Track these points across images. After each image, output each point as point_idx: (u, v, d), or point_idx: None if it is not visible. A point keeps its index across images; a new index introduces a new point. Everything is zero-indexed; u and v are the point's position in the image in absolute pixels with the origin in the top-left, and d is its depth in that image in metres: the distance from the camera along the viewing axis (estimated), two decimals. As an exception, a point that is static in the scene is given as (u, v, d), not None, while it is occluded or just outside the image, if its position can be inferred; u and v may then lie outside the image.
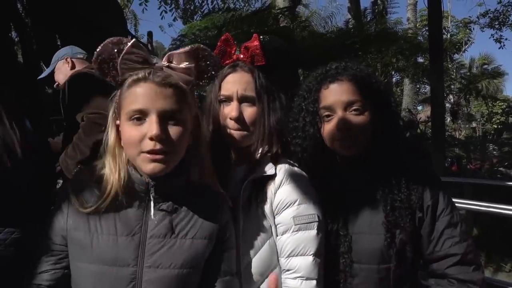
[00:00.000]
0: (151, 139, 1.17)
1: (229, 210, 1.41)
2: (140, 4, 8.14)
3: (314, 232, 1.46)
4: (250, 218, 1.50)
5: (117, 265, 1.21)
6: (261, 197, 1.51)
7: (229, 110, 1.55)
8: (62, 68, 2.82)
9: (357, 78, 1.54)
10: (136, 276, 1.21)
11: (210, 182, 1.39)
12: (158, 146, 1.18)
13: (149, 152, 1.19)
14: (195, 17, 11.72)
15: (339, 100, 1.51)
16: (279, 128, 1.58)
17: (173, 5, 9.70)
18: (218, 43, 1.63)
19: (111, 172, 1.26)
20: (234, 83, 1.57)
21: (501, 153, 16.16)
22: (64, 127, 2.81)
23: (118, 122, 1.27)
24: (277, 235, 1.50)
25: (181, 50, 1.29)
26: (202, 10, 10.30)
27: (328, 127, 1.54)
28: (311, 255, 1.44)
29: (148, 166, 1.20)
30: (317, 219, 1.47)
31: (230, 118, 1.54)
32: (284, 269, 1.48)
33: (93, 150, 2.13)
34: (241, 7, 11.22)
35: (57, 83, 2.90)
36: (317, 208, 1.50)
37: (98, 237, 1.23)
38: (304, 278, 1.43)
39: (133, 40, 1.22)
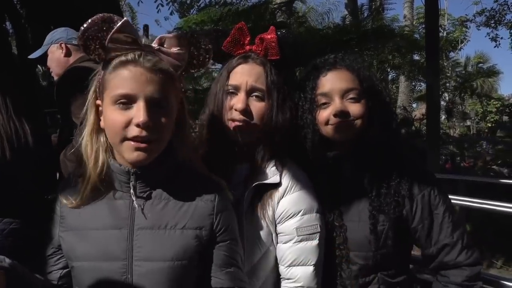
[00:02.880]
0: (137, 125, 1.12)
1: (228, 198, 1.32)
2: (137, -3, 8.06)
3: (315, 242, 1.45)
4: (252, 223, 1.46)
5: (108, 259, 1.19)
6: (264, 203, 1.47)
7: (236, 101, 1.47)
8: (56, 54, 2.71)
9: (354, 68, 1.55)
10: (126, 270, 1.18)
11: (199, 167, 1.33)
12: (144, 133, 1.13)
13: (134, 139, 1.13)
14: (191, 11, 11.67)
15: (337, 87, 1.52)
16: (287, 128, 1.51)
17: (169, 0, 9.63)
18: (232, 31, 1.55)
19: (88, 159, 1.21)
20: (244, 74, 1.49)
21: (495, 151, 16.25)
22: (60, 123, 2.75)
23: (98, 102, 1.21)
24: (277, 243, 1.48)
25: (173, 34, 1.24)
26: (198, 4, 10.24)
27: (324, 114, 1.53)
28: (312, 265, 1.44)
29: (132, 155, 1.15)
30: (319, 230, 1.46)
31: (236, 109, 1.46)
32: (284, 277, 1.47)
33: None
34: (238, 1, 11.16)
35: (48, 67, 2.80)
36: (318, 216, 1.48)
37: (86, 234, 1.22)
38: (301, 286, 1.43)
39: (124, 19, 1.16)
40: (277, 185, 1.47)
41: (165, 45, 1.21)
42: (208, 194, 1.27)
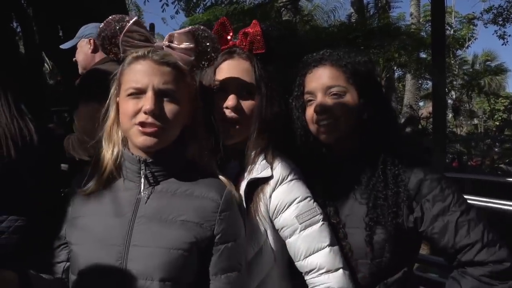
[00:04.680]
0: (144, 112, 1.20)
1: (233, 199, 1.33)
2: (143, -3, 8.10)
3: (319, 224, 1.39)
4: (247, 222, 1.40)
5: (105, 244, 1.22)
6: (256, 199, 1.42)
7: (225, 99, 1.44)
8: (84, 48, 2.78)
9: (340, 64, 1.51)
10: (122, 255, 1.20)
11: (210, 165, 1.36)
12: (150, 120, 1.20)
13: (141, 124, 1.21)
14: (197, 9, 11.69)
15: (319, 84, 1.49)
16: (276, 122, 1.48)
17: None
18: (214, 26, 1.51)
19: (106, 149, 1.30)
20: (231, 70, 1.46)
21: (502, 150, 16.14)
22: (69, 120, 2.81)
23: (118, 99, 1.29)
24: (274, 239, 1.43)
25: (182, 30, 1.30)
26: (205, 3, 10.26)
27: (309, 112, 1.51)
28: (326, 246, 1.38)
29: (139, 139, 1.22)
30: (318, 211, 1.41)
31: (227, 108, 1.43)
32: (306, 271, 1.40)
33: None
34: (243, 0, 11.17)
35: (75, 59, 2.86)
36: (313, 202, 1.43)
37: (90, 219, 1.27)
38: (330, 271, 1.36)
39: (135, 18, 1.24)
40: (268, 179, 1.43)
41: (174, 42, 1.28)
42: (215, 193, 1.29)
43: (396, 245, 1.41)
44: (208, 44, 1.32)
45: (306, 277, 1.40)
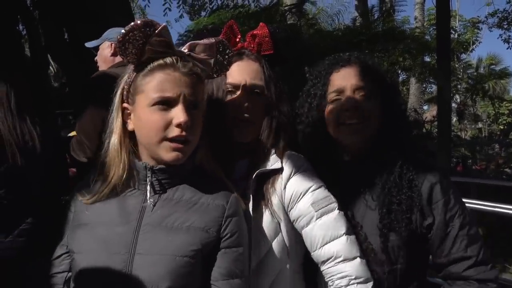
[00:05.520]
0: (178, 125, 1.18)
1: (239, 205, 1.32)
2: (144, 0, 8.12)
3: (336, 212, 1.39)
4: (257, 216, 1.42)
5: (109, 252, 1.20)
6: (267, 192, 1.44)
7: (238, 100, 1.46)
8: (105, 51, 2.81)
9: (368, 65, 1.53)
10: (127, 263, 1.18)
11: (215, 169, 1.35)
12: (184, 133, 1.20)
13: (174, 139, 1.20)
14: (202, 13, 11.70)
15: (349, 83, 1.49)
16: (286, 121, 1.52)
17: (180, 1, 9.66)
18: (223, 29, 1.53)
19: (114, 158, 1.26)
20: (241, 71, 1.48)
21: (507, 154, 16.06)
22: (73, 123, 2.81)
23: (125, 105, 1.26)
24: (288, 232, 1.43)
25: (206, 41, 1.29)
26: (211, 7, 10.28)
27: (334, 107, 1.49)
28: (343, 235, 1.37)
29: (170, 154, 1.21)
30: (334, 199, 1.42)
31: (239, 109, 1.45)
32: (322, 261, 1.38)
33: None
34: (248, 4, 11.17)
35: (96, 61, 2.90)
36: (327, 191, 1.44)
37: (93, 228, 1.25)
38: (348, 260, 1.35)
39: (164, 24, 1.21)
40: (279, 171, 1.45)
41: (195, 51, 1.27)
42: (221, 198, 1.28)
43: (410, 251, 1.41)
44: (225, 57, 1.33)
45: (323, 267, 1.39)
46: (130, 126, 1.27)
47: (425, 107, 27.36)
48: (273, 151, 1.49)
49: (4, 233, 1.60)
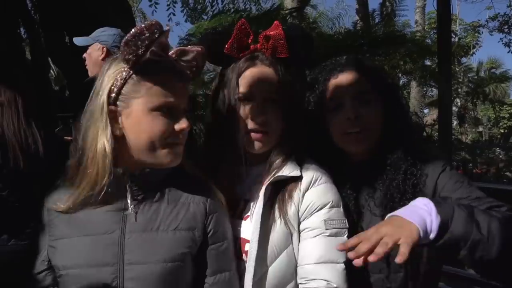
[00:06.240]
0: (181, 131, 1.20)
1: (219, 201, 1.32)
2: (150, 6, 8.14)
3: (344, 239, 1.31)
4: (268, 224, 1.34)
5: (98, 265, 1.16)
6: (284, 201, 1.36)
7: (251, 110, 1.38)
8: (95, 54, 2.77)
9: (367, 69, 1.46)
10: (117, 274, 1.15)
11: (193, 168, 1.34)
12: (183, 138, 1.23)
13: (174, 144, 1.21)
14: (204, 17, 11.71)
15: (349, 90, 1.42)
16: (304, 128, 1.45)
17: (183, 6, 9.70)
18: (234, 32, 1.41)
19: (99, 164, 1.18)
20: (254, 79, 1.38)
21: (508, 158, 16.05)
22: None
23: (112, 107, 1.18)
24: (298, 242, 1.36)
25: (193, 49, 1.28)
26: (212, 10, 10.30)
27: (336, 119, 1.44)
28: (342, 262, 1.30)
29: (168, 158, 1.21)
30: (347, 225, 1.35)
31: (252, 120, 1.38)
32: (306, 278, 1.31)
33: None
34: (250, 7, 11.20)
35: (85, 59, 2.87)
36: (343, 213, 1.37)
37: (77, 241, 1.19)
38: (333, 286, 1.28)
39: (168, 27, 1.18)
40: (297, 179, 1.37)
41: (183, 57, 1.26)
42: (200, 196, 1.28)
43: (414, 258, 1.33)
44: (201, 65, 1.32)
45: (301, 282, 1.33)
46: (119, 131, 1.20)
47: (426, 111, 27.38)
48: (291, 158, 1.41)
49: (7, 236, 1.59)
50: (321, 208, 1.34)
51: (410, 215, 1.09)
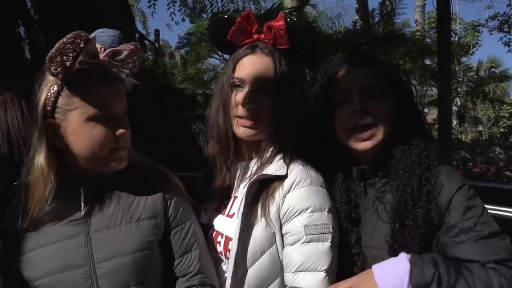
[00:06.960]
0: (121, 135, 1.22)
1: (174, 184, 1.37)
2: (149, 7, 8.13)
3: (327, 244, 1.26)
4: (251, 222, 1.33)
5: (68, 269, 1.19)
6: (266, 199, 1.33)
7: (242, 97, 1.37)
8: None
9: (378, 63, 1.40)
10: (90, 274, 1.19)
11: (142, 158, 1.38)
12: (124, 141, 1.24)
13: (120, 146, 1.23)
14: (204, 15, 11.71)
15: (355, 83, 1.35)
16: (297, 123, 1.39)
17: (181, 5, 9.68)
18: (238, 19, 1.41)
19: (39, 178, 1.19)
20: (251, 66, 1.37)
21: (508, 157, 16.05)
22: None
23: (49, 120, 1.19)
24: (282, 246, 1.32)
25: (125, 47, 1.27)
26: (212, 9, 10.29)
27: (342, 114, 1.37)
28: (323, 271, 1.24)
29: (113, 163, 1.25)
30: (331, 230, 1.28)
31: (242, 106, 1.36)
32: (290, 286, 1.28)
33: None
34: (249, 7, 11.19)
35: None
36: (331, 217, 1.30)
37: (44, 250, 1.21)
38: None
39: (93, 35, 1.17)
40: (282, 178, 1.33)
41: (116, 58, 1.26)
42: (156, 184, 1.32)
43: None
44: (134, 61, 1.31)
45: None
46: (59, 143, 1.22)
47: (426, 110, 27.29)
48: (280, 155, 1.38)
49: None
50: (300, 213, 1.29)
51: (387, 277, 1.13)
